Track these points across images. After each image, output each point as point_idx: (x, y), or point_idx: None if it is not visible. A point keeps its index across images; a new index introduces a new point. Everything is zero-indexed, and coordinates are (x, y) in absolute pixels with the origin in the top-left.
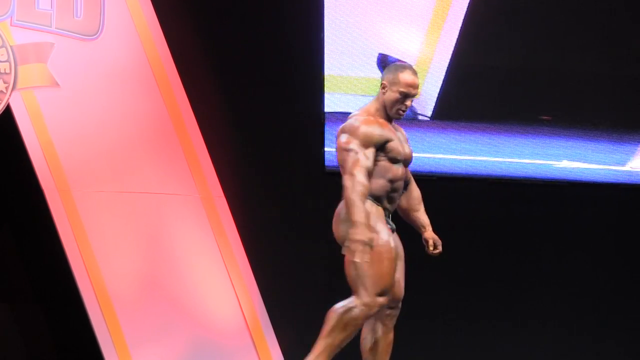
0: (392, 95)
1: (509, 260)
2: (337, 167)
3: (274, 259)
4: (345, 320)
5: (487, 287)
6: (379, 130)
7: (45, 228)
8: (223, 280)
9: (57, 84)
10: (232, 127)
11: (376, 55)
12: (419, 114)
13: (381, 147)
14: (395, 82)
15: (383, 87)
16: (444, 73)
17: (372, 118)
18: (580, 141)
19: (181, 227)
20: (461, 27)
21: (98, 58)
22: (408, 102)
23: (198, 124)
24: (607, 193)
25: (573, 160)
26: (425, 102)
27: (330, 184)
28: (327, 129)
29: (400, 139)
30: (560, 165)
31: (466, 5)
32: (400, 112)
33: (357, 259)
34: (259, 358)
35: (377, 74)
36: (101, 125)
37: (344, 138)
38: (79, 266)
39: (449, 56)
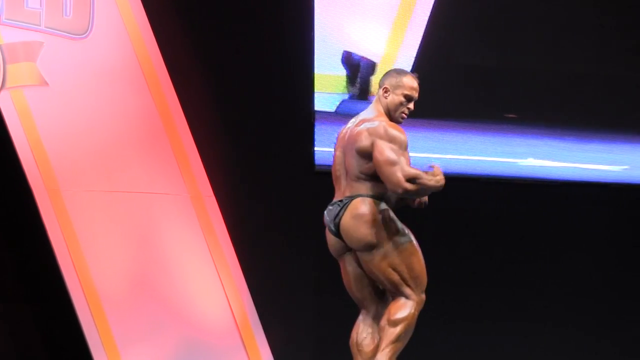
0: (395, 98)
1: (477, 258)
2: (327, 166)
3: (264, 258)
4: (411, 325)
5: (461, 287)
6: (406, 137)
7: (34, 227)
8: (213, 279)
9: (47, 83)
10: (222, 127)
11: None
12: None
13: None
14: (398, 86)
15: (385, 90)
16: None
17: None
18: (545, 139)
19: (171, 226)
20: (426, 25)
21: (87, 57)
22: (411, 105)
23: (188, 123)
24: (574, 191)
25: (539, 158)
26: None
27: (320, 183)
28: (317, 128)
29: None
30: (526, 163)
31: (431, 3)
32: (404, 115)
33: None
34: (249, 357)
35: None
36: (90, 124)
37: (386, 150)
38: (68, 266)
39: (414, 54)
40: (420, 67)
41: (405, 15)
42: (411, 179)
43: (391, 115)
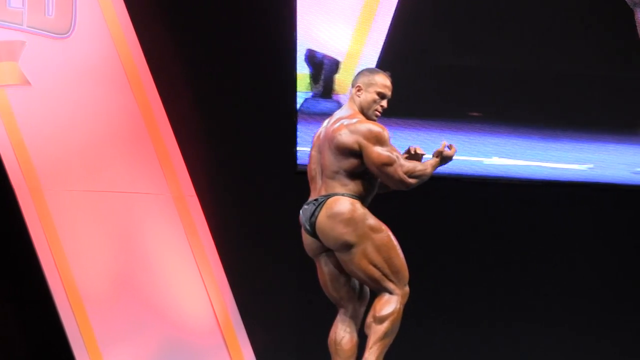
0: (369, 96)
1: (443, 258)
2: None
3: (246, 258)
4: (398, 320)
5: (427, 287)
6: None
7: (16, 227)
8: (195, 279)
9: (29, 83)
10: (204, 126)
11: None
12: None
13: None
14: (371, 84)
15: (359, 89)
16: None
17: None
18: (510, 138)
19: (153, 226)
20: (391, 23)
21: (70, 56)
22: (384, 103)
23: (170, 123)
24: (538, 189)
25: (503, 157)
26: None
27: (302, 183)
28: (299, 127)
29: None
30: (491, 162)
31: (396, 1)
32: (378, 112)
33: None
34: (231, 357)
35: None
36: (73, 123)
37: (380, 151)
38: (50, 265)
39: (378, 53)
40: (384, 65)
41: (369, 13)
42: (410, 173)
43: (365, 113)
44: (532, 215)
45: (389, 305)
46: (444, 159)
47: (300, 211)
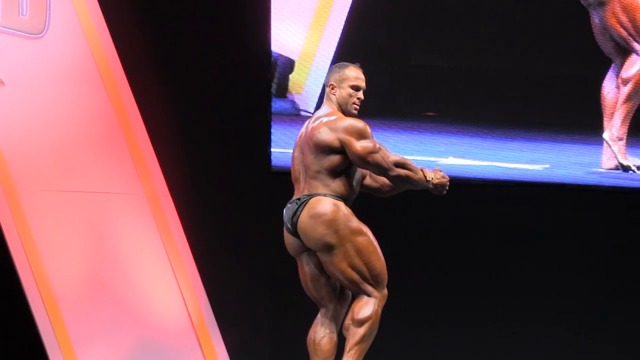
0: (343, 92)
1: (397, 260)
2: (283, 167)
3: (220, 258)
4: (376, 323)
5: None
6: None
7: None
8: (169, 279)
9: (2, 83)
10: (178, 127)
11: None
12: (302, 110)
13: None
14: (343, 79)
15: (332, 87)
16: (327, 69)
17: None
18: (466, 137)
19: (127, 226)
20: (345, 22)
21: (44, 56)
22: (360, 95)
23: (144, 123)
24: (494, 189)
25: (459, 156)
26: (308, 98)
27: (276, 184)
28: (273, 128)
29: None
30: (446, 162)
31: (350, 0)
32: (356, 106)
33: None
34: (204, 357)
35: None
36: (47, 124)
37: (363, 143)
38: (24, 265)
39: (333, 51)
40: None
41: (324, 11)
42: (398, 164)
43: (343, 109)
44: (487, 216)
45: (368, 307)
46: (435, 186)
47: (284, 210)
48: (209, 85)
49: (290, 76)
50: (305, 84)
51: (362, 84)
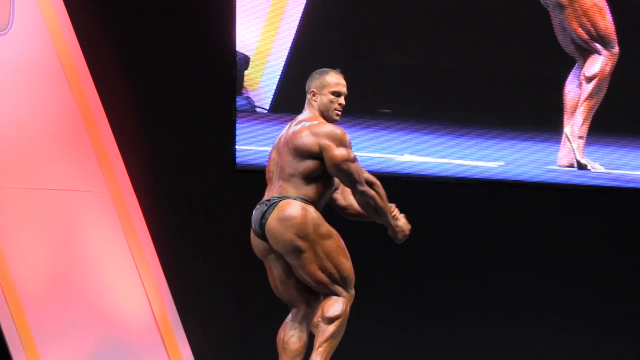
0: (324, 98)
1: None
2: (248, 165)
3: (185, 256)
4: (345, 321)
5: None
6: None
7: None
8: (133, 278)
9: None
10: (142, 124)
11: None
12: (257, 107)
13: None
14: (323, 85)
15: (313, 94)
16: (282, 65)
17: None
18: (421, 135)
19: (91, 224)
20: (301, 19)
21: (7, 53)
22: (341, 100)
23: (108, 120)
24: (450, 187)
25: (415, 154)
26: (264, 95)
27: (241, 182)
28: (238, 126)
29: None
30: (402, 159)
31: None
32: (337, 111)
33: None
34: (169, 356)
35: None
36: (10, 121)
37: (341, 150)
38: None
39: (288, 48)
40: (294, 61)
41: (279, 8)
42: (369, 182)
43: (325, 115)
44: (443, 213)
45: (337, 306)
46: (396, 226)
47: (253, 211)
48: (173, 83)
49: (246, 73)
50: (260, 81)
51: (343, 89)
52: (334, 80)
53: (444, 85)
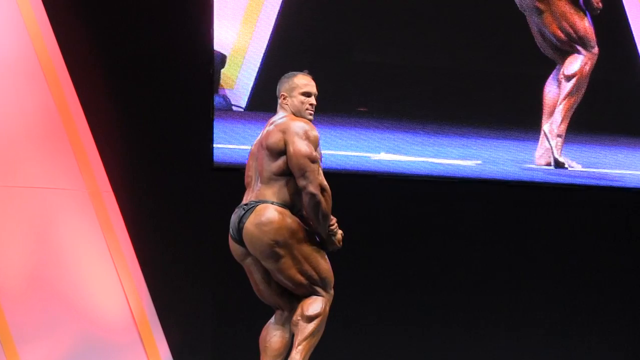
0: (295, 100)
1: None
2: (225, 163)
3: (162, 255)
4: (324, 320)
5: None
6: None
7: None
8: (111, 276)
9: None
10: (120, 122)
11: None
12: (234, 105)
13: None
14: (292, 88)
15: (283, 97)
16: (259, 63)
17: None
18: (398, 133)
19: (68, 222)
20: (277, 17)
21: None
22: (312, 100)
23: (86, 118)
24: (427, 186)
25: (391, 152)
26: (240, 93)
27: (219, 180)
28: (215, 124)
29: None
30: (379, 158)
31: None
32: (310, 111)
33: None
34: (147, 355)
35: None
36: None
37: (304, 145)
38: None
39: (264, 47)
40: (271, 59)
41: (255, 6)
42: (323, 189)
43: (298, 116)
44: (421, 212)
45: (317, 304)
46: (329, 238)
47: (232, 215)
48: (151, 81)
49: (222, 71)
50: (237, 79)
51: (313, 89)
52: (303, 81)
53: (420, 84)
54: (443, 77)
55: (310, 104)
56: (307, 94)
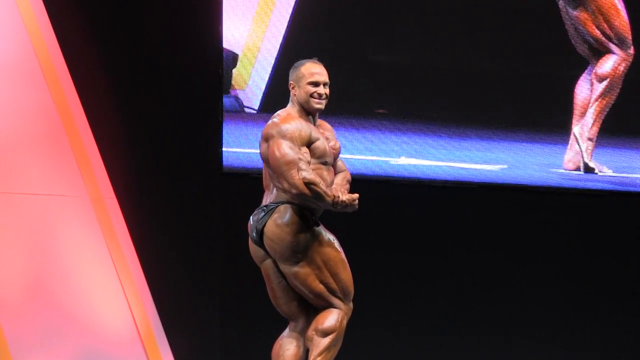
0: (302, 90)
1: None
2: (235, 167)
3: (168, 263)
4: (340, 334)
5: None
6: (304, 126)
7: None
8: (114, 286)
9: None
10: (124, 125)
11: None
12: (246, 107)
13: (308, 146)
14: (300, 77)
15: (292, 87)
16: (272, 63)
17: (294, 116)
18: (418, 136)
19: (70, 230)
20: (291, 14)
21: None
22: (320, 90)
23: (88, 122)
24: (450, 191)
25: (412, 156)
26: (253, 94)
27: (228, 185)
28: (225, 127)
29: (327, 138)
30: (398, 162)
31: None
32: (317, 101)
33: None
34: None
35: None
36: None
37: (276, 149)
38: None
39: (278, 45)
40: (285, 58)
41: (268, 2)
42: (309, 183)
43: (305, 107)
44: (442, 219)
45: (333, 318)
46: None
47: (251, 217)
48: (157, 82)
49: (234, 71)
50: (249, 80)
51: (321, 78)
52: (310, 70)
53: (442, 84)
54: (466, 76)
55: (319, 94)
56: (316, 84)
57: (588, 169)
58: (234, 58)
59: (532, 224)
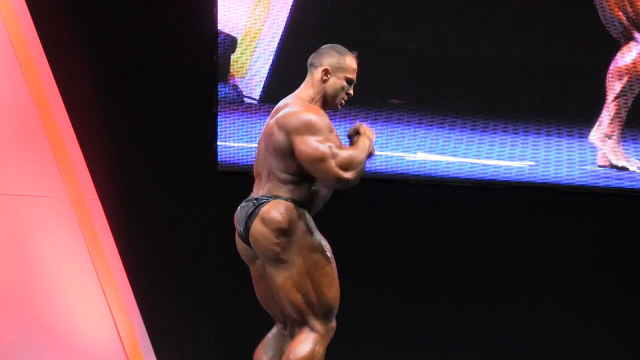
0: (337, 83)
1: (359, 261)
2: (230, 164)
3: (156, 271)
4: None
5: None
6: (327, 117)
7: None
8: (96, 296)
9: None
10: (108, 119)
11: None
12: (246, 96)
13: None
14: (341, 68)
15: (326, 72)
16: (275, 48)
17: (316, 106)
18: (435, 130)
19: (48, 233)
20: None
21: None
22: (351, 90)
23: (69, 117)
24: (471, 189)
25: (429, 152)
26: (254, 82)
27: (223, 184)
28: (221, 119)
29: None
30: (414, 158)
31: None
32: (344, 101)
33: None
34: None
35: None
36: None
37: (310, 146)
38: None
39: (282, 29)
40: (288, 43)
41: None
42: (347, 165)
43: (329, 101)
44: (463, 221)
45: (306, 346)
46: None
47: (237, 208)
48: (144, 71)
49: (232, 57)
50: (249, 66)
51: (355, 78)
52: (353, 65)
53: (463, 73)
54: (490, 65)
55: (348, 94)
56: (351, 82)
57: (620, 169)
58: (232, 42)
59: (563, 227)
